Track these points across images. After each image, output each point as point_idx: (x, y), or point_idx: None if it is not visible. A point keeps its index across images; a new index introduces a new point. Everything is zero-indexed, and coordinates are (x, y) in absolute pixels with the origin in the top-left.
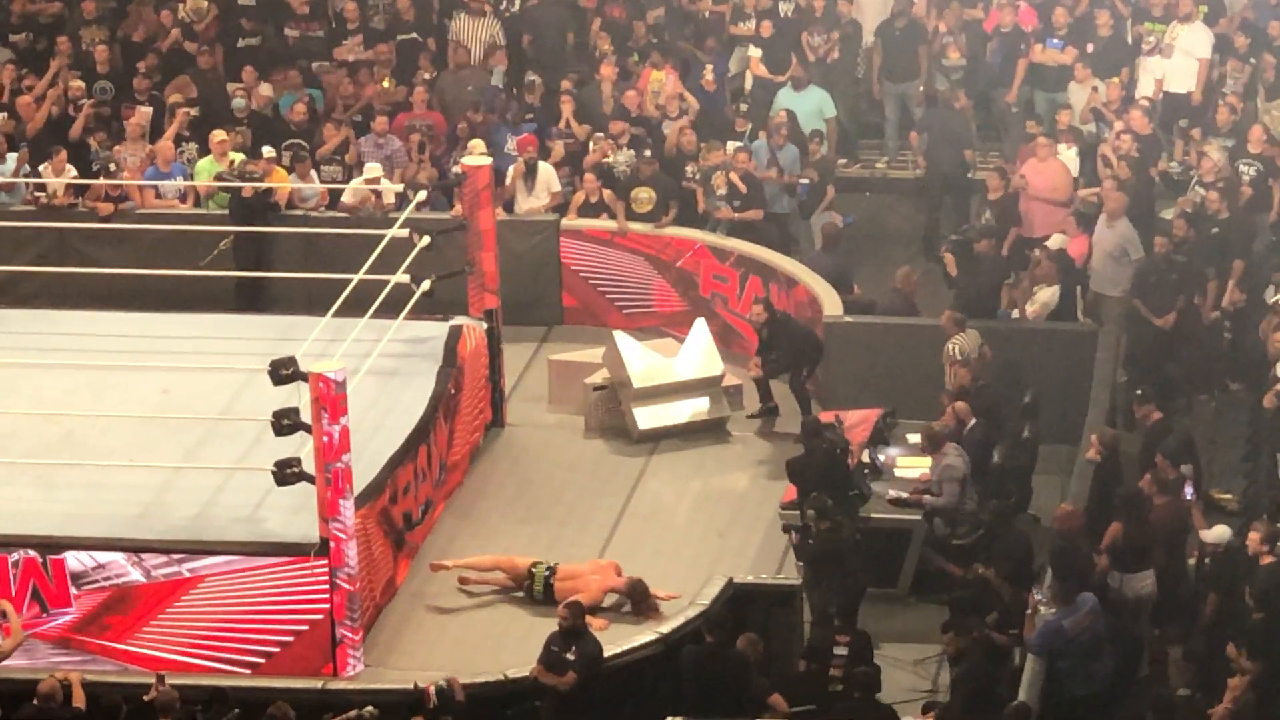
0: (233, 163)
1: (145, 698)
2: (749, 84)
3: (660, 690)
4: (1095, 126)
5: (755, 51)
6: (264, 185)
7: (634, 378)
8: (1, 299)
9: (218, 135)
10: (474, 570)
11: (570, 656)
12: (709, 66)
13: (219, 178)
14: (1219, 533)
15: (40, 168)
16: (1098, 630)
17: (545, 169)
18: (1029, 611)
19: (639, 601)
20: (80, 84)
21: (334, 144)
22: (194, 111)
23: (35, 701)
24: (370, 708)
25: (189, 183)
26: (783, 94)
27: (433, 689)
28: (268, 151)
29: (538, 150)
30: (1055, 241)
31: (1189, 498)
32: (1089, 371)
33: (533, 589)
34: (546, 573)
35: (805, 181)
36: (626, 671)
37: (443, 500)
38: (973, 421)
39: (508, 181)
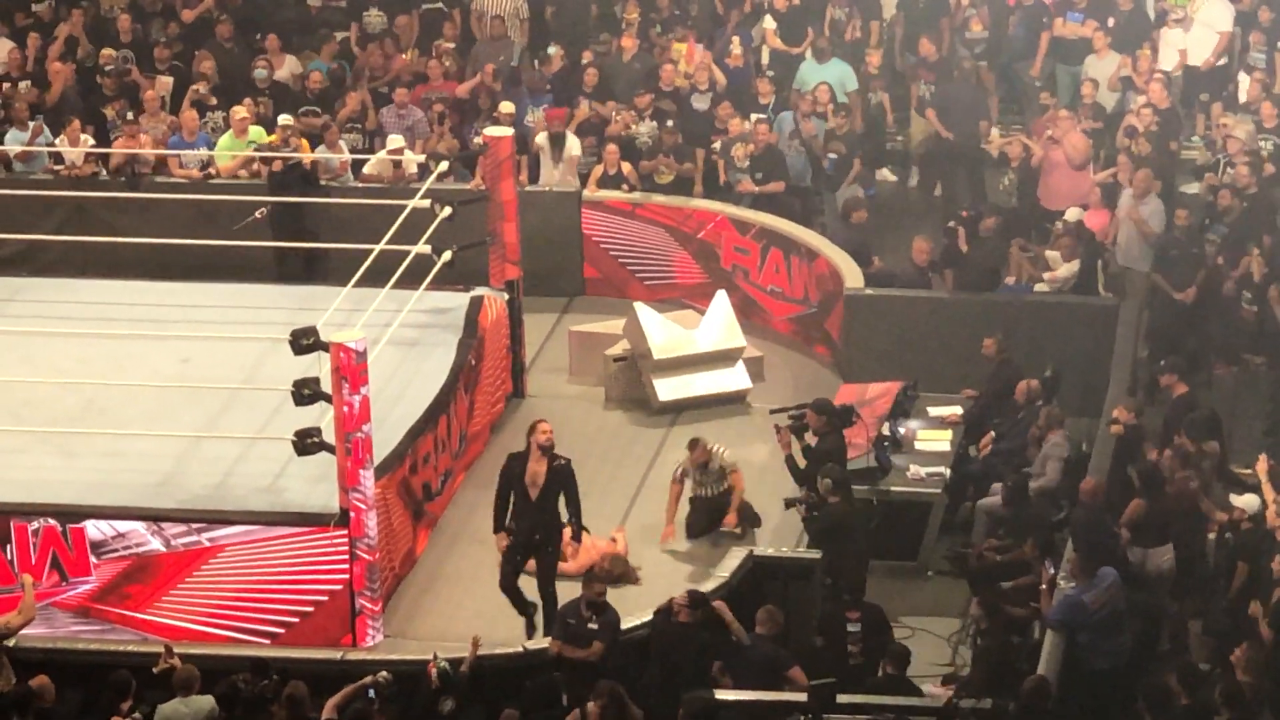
0: (282, 141)
1: (155, 669)
2: (766, 57)
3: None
4: (1122, 95)
5: (770, 23)
6: (292, 157)
7: (654, 349)
8: (22, 268)
9: (239, 112)
10: None
11: (593, 627)
12: (735, 40)
13: (259, 149)
14: (1248, 501)
15: (56, 139)
16: (1118, 605)
17: (573, 141)
18: (1043, 586)
19: (618, 577)
20: (110, 51)
21: (349, 110)
22: (201, 88)
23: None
24: (384, 673)
25: (210, 151)
26: (805, 66)
27: (435, 670)
28: (283, 119)
29: (565, 122)
30: (1072, 214)
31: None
32: (1110, 345)
33: None
34: None
35: (833, 156)
36: (646, 643)
37: (463, 471)
38: (1039, 402)
39: (532, 148)
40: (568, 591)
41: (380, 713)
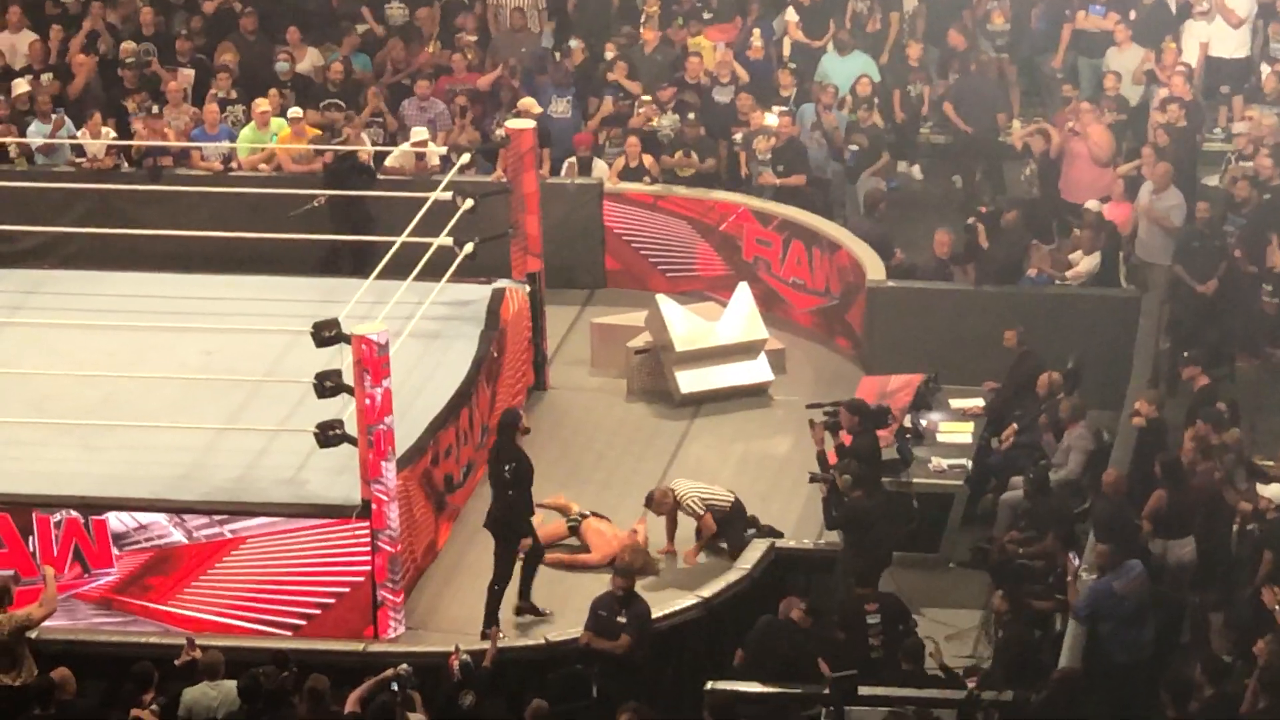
0: (335, 132)
1: (177, 662)
2: (788, 49)
3: (701, 653)
4: (1146, 88)
5: (793, 15)
6: (306, 148)
7: (676, 341)
8: (44, 260)
9: (261, 104)
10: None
11: (622, 620)
12: (756, 32)
13: (314, 140)
14: (1275, 491)
15: (78, 132)
16: (1143, 597)
17: (599, 166)
18: (1070, 578)
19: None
20: (131, 44)
21: (371, 109)
22: (220, 91)
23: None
24: (405, 665)
25: (231, 144)
26: (826, 58)
27: (456, 663)
28: (293, 113)
29: (590, 149)
30: (1091, 206)
31: None
32: (1132, 337)
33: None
34: (578, 518)
35: (854, 148)
36: (669, 635)
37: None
38: (1060, 395)
39: (562, 173)
40: (590, 583)
41: (403, 705)
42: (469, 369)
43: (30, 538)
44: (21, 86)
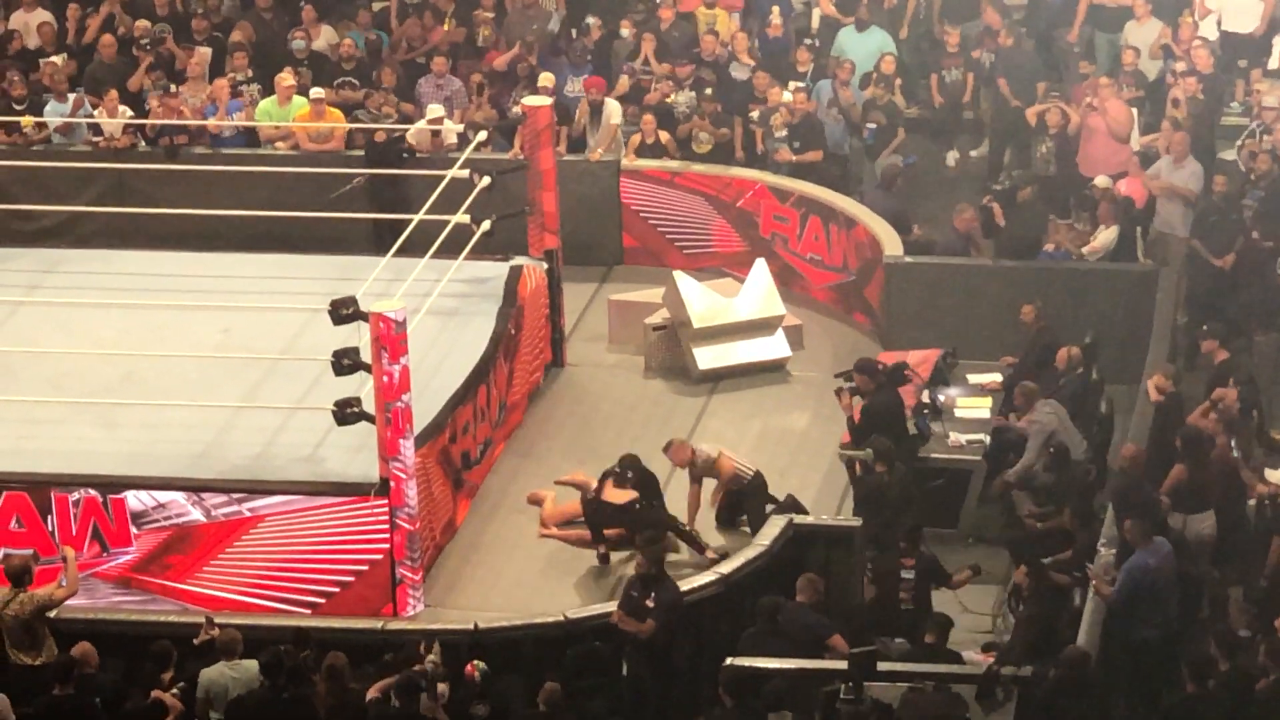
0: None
1: (196, 641)
2: (815, 22)
3: (719, 630)
4: (1164, 63)
5: None
6: (318, 127)
7: (694, 318)
8: (61, 239)
9: (285, 79)
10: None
11: (650, 604)
12: (775, 9)
13: (354, 119)
14: None
15: (95, 112)
16: (1170, 573)
17: (610, 105)
18: (1100, 556)
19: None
20: (145, 23)
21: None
22: (237, 76)
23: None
24: (433, 658)
25: (249, 123)
26: (844, 34)
27: (476, 673)
28: (315, 92)
29: (603, 92)
30: (1101, 181)
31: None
32: (1150, 312)
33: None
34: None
35: (872, 126)
36: (688, 611)
37: (502, 440)
38: (1080, 370)
39: (575, 119)
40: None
41: (431, 683)
42: (487, 346)
43: (49, 517)
44: (56, 63)
